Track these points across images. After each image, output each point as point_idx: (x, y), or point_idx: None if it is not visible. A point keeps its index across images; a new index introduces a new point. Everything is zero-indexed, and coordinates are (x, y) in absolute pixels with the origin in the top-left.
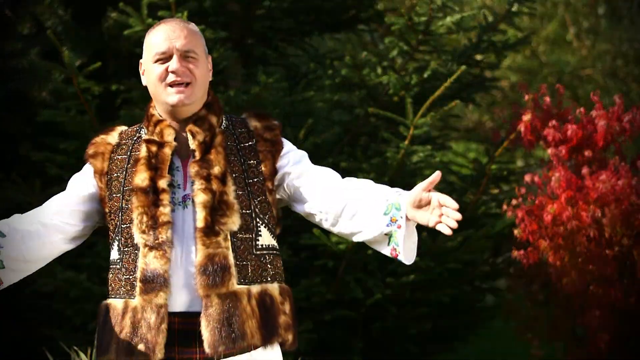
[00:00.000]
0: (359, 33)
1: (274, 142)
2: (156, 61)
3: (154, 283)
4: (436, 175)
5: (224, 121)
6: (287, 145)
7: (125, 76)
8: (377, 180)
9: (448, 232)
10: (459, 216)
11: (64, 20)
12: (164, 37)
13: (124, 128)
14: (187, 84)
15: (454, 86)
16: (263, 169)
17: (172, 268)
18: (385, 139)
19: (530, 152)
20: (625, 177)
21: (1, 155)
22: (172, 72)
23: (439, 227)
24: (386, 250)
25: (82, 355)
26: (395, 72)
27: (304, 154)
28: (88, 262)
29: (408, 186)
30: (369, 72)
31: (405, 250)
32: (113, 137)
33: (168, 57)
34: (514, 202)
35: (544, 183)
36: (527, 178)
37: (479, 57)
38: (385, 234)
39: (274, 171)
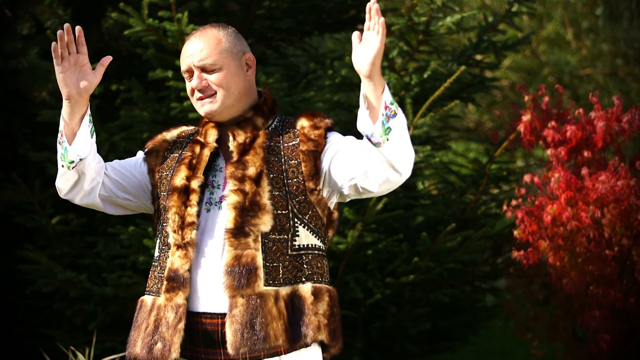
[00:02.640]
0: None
1: (317, 142)
2: (186, 78)
3: (175, 282)
4: (357, 33)
5: (275, 122)
6: (329, 138)
7: (125, 76)
8: None
9: (382, 22)
10: (375, 7)
11: (64, 20)
12: (185, 53)
13: (188, 128)
14: (213, 94)
15: (454, 86)
16: (303, 169)
17: (198, 268)
18: None
19: (530, 152)
20: (624, 178)
21: (1, 155)
22: (194, 89)
23: (379, 39)
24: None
25: (80, 355)
26: (395, 72)
27: (338, 139)
28: (88, 262)
29: (408, 186)
30: None
31: (370, 114)
32: (172, 135)
33: (192, 73)
34: (513, 202)
35: (544, 183)
36: (527, 178)
37: (479, 57)
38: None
39: (316, 170)
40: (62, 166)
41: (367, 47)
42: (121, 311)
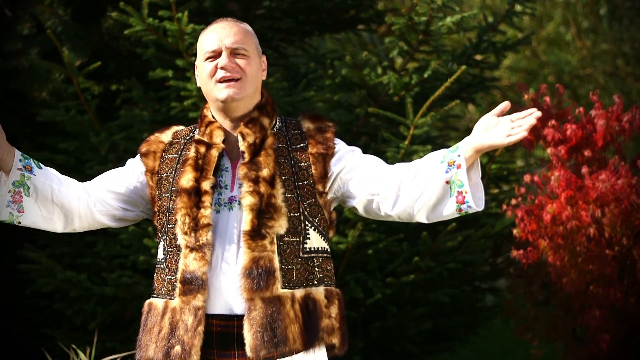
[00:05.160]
0: (359, 33)
1: (326, 145)
2: (207, 59)
3: (193, 285)
4: (506, 104)
5: (277, 123)
6: (339, 145)
7: (125, 76)
8: None
9: (521, 135)
10: (537, 114)
11: (64, 20)
12: (214, 35)
13: (180, 128)
14: (237, 80)
15: (454, 86)
16: (314, 171)
17: (212, 270)
18: (385, 139)
19: (530, 151)
20: (625, 177)
21: None
22: (222, 68)
23: (508, 140)
24: (452, 204)
25: (81, 354)
26: (395, 72)
27: (353, 149)
28: (88, 261)
29: None
30: (369, 72)
31: (472, 190)
32: (167, 136)
33: (218, 55)
34: (513, 201)
35: (544, 183)
36: (527, 178)
37: (479, 57)
38: (447, 183)
39: (325, 174)
40: (19, 223)
41: (499, 134)
42: (121, 311)
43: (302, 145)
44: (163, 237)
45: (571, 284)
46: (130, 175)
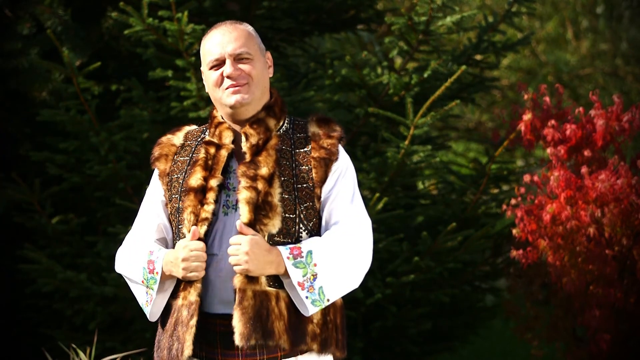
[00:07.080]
0: (358, 33)
1: (330, 151)
2: (211, 67)
3: (190, 281)
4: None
5: (285, 124)
6: (342, 156)
7: (125, 76)
8: (377, 180)
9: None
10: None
11: (64, 20)
12: (215, 43)
13: (192, 127)
14: (244, 84)
15: (454, 86)
16: (314, 175)
17: (217, 271)
18: (385, 139)
19: (530, 151)
20: (624, 177)
21: (1, 155)
22: (227, 77)
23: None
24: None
25: (82, 354)
26: (395, 72)
27: (348, 184)
28: (88, 261)
29: (408, 186)
30: (369, 72)
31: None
32: (178, 138)
33: (222, 63)
34: (513, 201)
35: (543, 183)
36: (527, 178)
37: (478, 57)
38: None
39: (325, 178)
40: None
41: None
42: (121, 311)
43: (305, 149)
44: (176, 238)
45: (571, 284)
46: (158, 195)
